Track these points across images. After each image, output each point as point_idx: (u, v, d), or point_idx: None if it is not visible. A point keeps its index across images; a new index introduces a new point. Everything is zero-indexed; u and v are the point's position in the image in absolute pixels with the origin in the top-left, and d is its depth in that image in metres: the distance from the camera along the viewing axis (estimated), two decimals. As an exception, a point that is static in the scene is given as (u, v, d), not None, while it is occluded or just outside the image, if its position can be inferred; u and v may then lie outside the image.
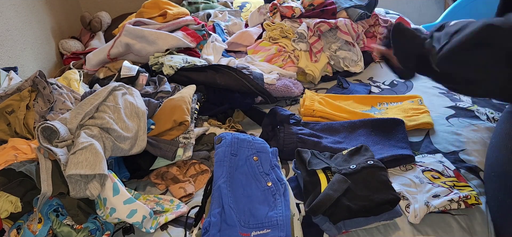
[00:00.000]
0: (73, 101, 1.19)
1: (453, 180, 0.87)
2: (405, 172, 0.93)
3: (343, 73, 1.49)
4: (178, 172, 1.03)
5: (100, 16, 2.12)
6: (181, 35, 1.51)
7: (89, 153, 0.83)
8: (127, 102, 1.03)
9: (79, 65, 1.65)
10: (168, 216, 0.90)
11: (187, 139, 1.05)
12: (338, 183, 0.80)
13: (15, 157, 0.89)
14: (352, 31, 1.48)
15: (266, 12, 1.72)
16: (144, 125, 1.01)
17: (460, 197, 0.80)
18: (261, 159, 0.88)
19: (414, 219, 0.80)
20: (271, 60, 1.51)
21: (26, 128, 1.06)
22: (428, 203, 0.81)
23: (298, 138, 1.05)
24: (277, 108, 1.15)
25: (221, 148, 0.88)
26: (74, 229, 0.86)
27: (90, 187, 0.83)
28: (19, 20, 1.69)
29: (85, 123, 0.93)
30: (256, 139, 0.93)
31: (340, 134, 1.10)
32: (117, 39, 1.50)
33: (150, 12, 1.68)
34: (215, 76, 1.26)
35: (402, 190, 0.87)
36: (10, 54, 1.57)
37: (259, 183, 0.84)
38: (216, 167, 0.85)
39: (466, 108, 1.16)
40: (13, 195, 0.89)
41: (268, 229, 0.75)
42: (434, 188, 0.85)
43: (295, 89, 1.34)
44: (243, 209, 0.78)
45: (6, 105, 1.08)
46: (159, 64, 1.35)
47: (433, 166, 0.92)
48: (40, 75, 1.14)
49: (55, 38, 1.99)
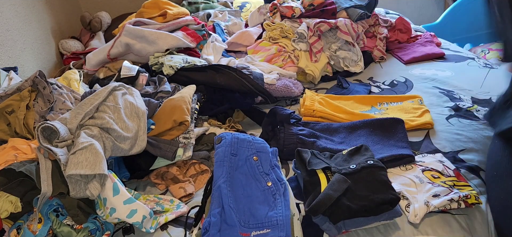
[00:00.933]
0: (73, 101, 1.19)
1: (453, 179, 0.87)
2: (405, 171, 0.93)
3: (343, 73, 1.49)
4: (178, 172, 1.03)
5: (100, 16, 2.12)
6: (181, 35, 1.51)
7: (89, 153, 0.83)
8: (127, 102, 1.03)
9: (79, 65, 1.65)
10: (168, 216, 0.90)
11: (187, 139, 1.05)
12: (338, 183, 0.80)
13: (15, 157, 0.89)
14: (352, 31, 1.48)
15: (266, 12, 1.72)
16: (144, 125, 1.01)
17: (460, 197, 0.81)
18: (261, 159, 0.88)
19: (414, 218, 0.80)
20: (271, 60, 1.51)
21: (26, 128, 1.06)
22: (428, 202, 0.81)
23: (298, 138, 1.05)
24: (277, 108, 1.15)
25: (221, 148, 0.88)
26: (74, 229, 0.86)
27: (90, 187, 0.83)
28: (19, 20, 1.69)
29: (85, 123, 0.93)
30: (256, 139, 0.93)
31: (340, 134, 1.10)
32: (117, 39, 1.50)
33: (150, 12, 1.68)
34: (215, 76, 1.26)
35: (402, 190, 0.87)
36: (10, 54, 1.57)
37: (259, 183, 0.84)
38: (216, 167, 0.85)
39: (467, 109, 1.16)
40: (13, 195, 0.89)
41: (268, 229, 0.75)
42: (434, 188, 0.85)
43: (295, 89, 1.34)
44: (243, 209, 0.78)
45: (6, 105, 1.08)
46: (159, 64, 1.35)
47: (433, 165, 0.92)
48: (40, 75, 1.14)
49: (55, 38, 1.99)
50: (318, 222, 0.80)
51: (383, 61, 1.58)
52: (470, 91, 1.26)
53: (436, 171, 0.90)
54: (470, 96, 1.23)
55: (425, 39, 1.66)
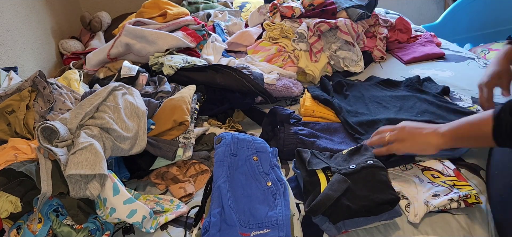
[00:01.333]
0: (73, 101, 1.19)
1: (453, 179, 0.87)
2: (405, 171, 0.93)
3: (343, 73, 1.49)
4: (178, 172, 1.03)
5: (100, 16, 2.12)
6: (181, 35, 1.51)
7: (89, 153, 0.83)
8: (127, 102, 1.03)
9: (79, 65, 1.65)
10: (168, 216, 0.90)
11: (187, 139, 1.05)
12: (338, 183, 0.80)
13: (15, 157, 0.89)
14: (352, 31, 1.48)
15: (266, 12, 1.72)
16: (144, 125, 1.01)
17: (460, 196, 0.81)
18: (261, 159, 0.88)
19: (413, 218, 0.80)
20: (271, 60, 1.51)
21: (26, 128, 1.06)
22: (427, 202, 0.81)
23: (298, 138, 1.05)
24: (277, 108, 1.15)
25: (221, 148, 0.88)
26: (74, 229, 0.86)
27: (90, 187, 0.83)
28: (19, 20, 1.69)
29: (85, 123, 0.93)
30: (256, 139, 0.93)
31: (340, 134, 1.10)
32: (117, 39, 1.50)
33: (150, 12, 1.68)
34: (215, 76, 1.26)
35: (402, 190, 0.87)
36: (10, 54, 1.57)
37: (259, 183, 0.84)
38: (216, 167, 0.85)
39: (467, 109, 1.16)
40: (13, 195, 0.89)
41: (268, 229, 0.75)
42: (434, 188, 0.85)
43: (295, 89, 1.34)
44: (243, 209, 0.78)
45: (6, 105, 1.08)
46: (159, 64, 1.35)
47: (433, 165, 0.92)
48: (40, 75, 1.14)
49: (55, 38, 1.99)
50: (318, 222, 0.80)
51: (383, 61, 1.58)
52: (470, 91, 1.26)
53: (436, 171, 0.90)
54: (470, 96, 1.23)
55: (425, 39, 1.66)
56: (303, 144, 1.03)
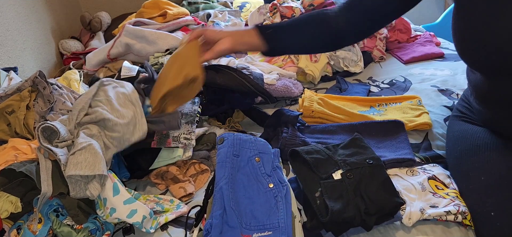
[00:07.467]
0: (73, 102, 1.19)
1: (456, 193, 0.86)
2: (411, 176, 0.91)
3: (343, 73, 1.49)
4: (178, 172, 1.03)
5: (100, 16, 2.12)
6: (181, 35, 1.51)
7: (88, 154, 0.83)
8: (119, 94, 1.00)
9: (79, 65, 1.65)
10: (168, 216, 0.90)
11: (188, 139, 1.05)
12: None
13: (15, 157, 0.89)
14: (352, 31, 1.48)
15: (266, 12, 1.72)
16: (141, 110, 0.99)
17: (458, 210, 0.79)
18: (263, 160, 0.88)
19: (407, 221, 0.80)
20: (271, 60, 1.51)
21: (26, 128, 1.06)
22: (423, 210, 0.80)
23: (301, 140, 1.05)
24: (283, 109, 1.14)
25: (223, 149, 0.87)
26: (74, 229, 0.86)
27: (90, 187, 0.83)
28: (19, 20, 1.69)
29: (81, 121, 0.93)
30: (259, 140, 0.93)
31: (339, 135, 1.10)
32: (117, 39, 1.51)
33: (150, 12, 1.68)
34: (215, 76, 1.26)
35: (402, 191, 0.86)
36: (10, 54, 1.57)
37: (261, 184, 0.83)
38: (218, 168, 0.84)
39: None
40: (13, 195, 0.89)
41: (269, 231, 0.75)
42: (434, 198, 0.84)
43: (295, 89, 1.34)
44: (245, 211, 0.78)
45: (6, 105, 1.08)
46: (159, 64, 1.35)
47: (441, 177, 0.90)
48: (40, 75, 1.14)
49: (55, 38, 1.99)
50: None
51: (383, 61, 1.58)
52: (469, 90, 1.26)
53: (441, 183, 0.89)
54: (470, 96, 1.23)
55: (425, 39, 1.67)
56: (305, 146, 1.03)
